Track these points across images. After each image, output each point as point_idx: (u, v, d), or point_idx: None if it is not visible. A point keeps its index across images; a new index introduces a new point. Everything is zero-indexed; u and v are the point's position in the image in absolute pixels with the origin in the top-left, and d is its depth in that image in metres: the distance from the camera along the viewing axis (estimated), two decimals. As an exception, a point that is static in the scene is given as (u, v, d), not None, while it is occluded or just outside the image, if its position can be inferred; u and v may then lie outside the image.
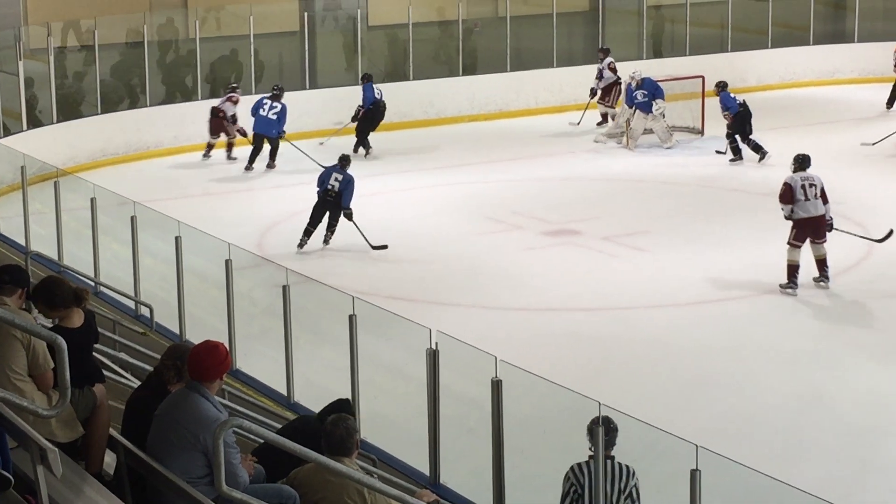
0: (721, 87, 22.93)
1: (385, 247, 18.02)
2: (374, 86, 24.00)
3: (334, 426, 7.40)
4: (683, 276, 16.76)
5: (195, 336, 11.83)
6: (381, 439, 10.38)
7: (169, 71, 25.87)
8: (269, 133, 22.63)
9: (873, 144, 22.33)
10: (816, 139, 23.87)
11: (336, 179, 18.12)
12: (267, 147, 22.69)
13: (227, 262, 12.51)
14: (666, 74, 25.50)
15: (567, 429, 10.17)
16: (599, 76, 25.89)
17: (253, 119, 22.68)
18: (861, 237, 16.81)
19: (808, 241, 15.79)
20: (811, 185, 15.73)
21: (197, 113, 23.80)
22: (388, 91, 25.02)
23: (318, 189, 18.21)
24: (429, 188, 21.49)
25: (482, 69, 27.71)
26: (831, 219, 15.93)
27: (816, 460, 11.65)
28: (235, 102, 23.35)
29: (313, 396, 11.30)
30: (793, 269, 15.73)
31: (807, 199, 15.65)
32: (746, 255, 17.52)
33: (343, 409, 8.44)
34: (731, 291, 16.08)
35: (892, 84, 26.82)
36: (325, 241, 18.14)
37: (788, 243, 15.80)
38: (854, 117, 26.02)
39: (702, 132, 24.75)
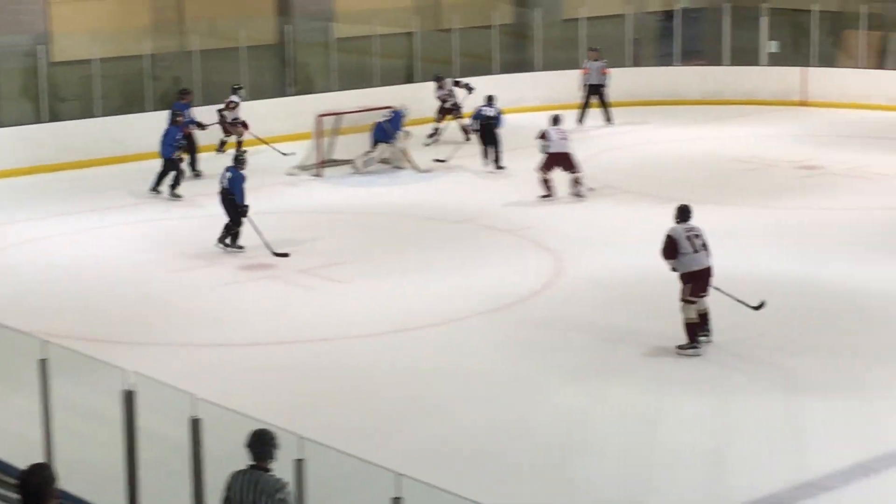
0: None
1: (286, 255, 18.53)
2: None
3: (30, 475, 7.15)
4: (382, 305, 16.89)
5: None
6: (80, 487, 10.07)
7: None
8: None
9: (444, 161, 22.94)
10: (513, 164, 24.68)
11: (225, 177, 19.20)
12: None
13: None
14: (358, 105, 25.71)
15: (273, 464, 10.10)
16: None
17: None
18: (738, 301, 15.52)
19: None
20: (696, 236, 14.85)
21: None
22: (76, 128, 24.46)
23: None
24: (123, 225, 21.07)
25: (172, 104, 27.32)
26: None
27: (520, 482, 11.87)
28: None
29: (6, 446, 10.89)
30: (692, 328, 14.77)
31: (694, 251, 14.72)
32: (444, 282, 17.80)
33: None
34: (430, 318, 16.28)
35: (581, 103, 28.79)
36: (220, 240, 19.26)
37: (682, 300, 14.79)
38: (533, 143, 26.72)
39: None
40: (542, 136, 22.20)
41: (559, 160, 22.12)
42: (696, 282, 14.73)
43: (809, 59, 32.23)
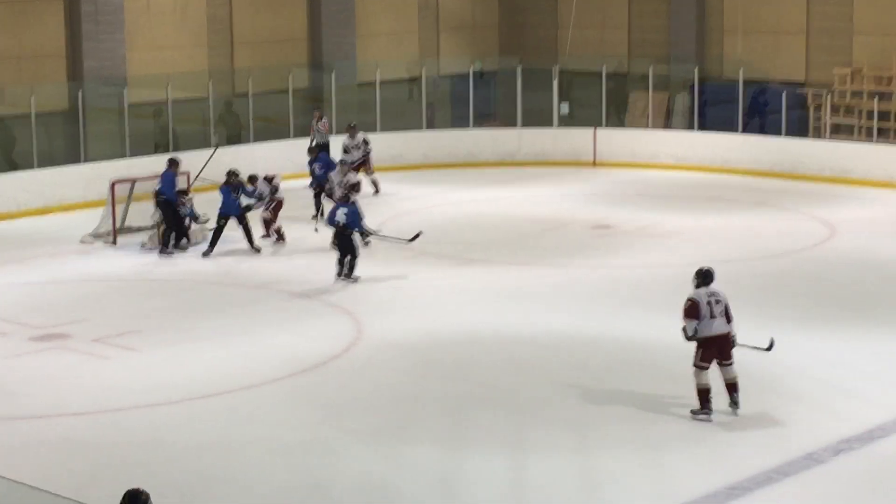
0: None
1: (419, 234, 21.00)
2: None
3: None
4: (176, 372, 16.70)
5: None
6: None
7: None
8: None
9: (409, 241, 22.29)
10: (301, 229, 24.74)
11: (341, 214, 21.10)
12: None
13: None
14: (152, 171, 25.46)
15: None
16: (347, 150, 27.46)
17: None
18: (754, 348, 15.14)
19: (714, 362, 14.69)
20: (717, 302, 14.53)
21: None
22: None
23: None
24: None
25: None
26: (734, 336, 14.72)
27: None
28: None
29: None
30: (704, 394, 14.57)
31: (712, 316, 14.44)
32: (237, 347, 17.69)
33: None
34: (224, 385, 16.14)
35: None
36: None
37: (695, 365, 14.61)
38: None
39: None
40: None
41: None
42: (710, 348, 14.53)
43: (599, 120, 33.02)
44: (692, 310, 14.51)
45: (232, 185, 23.27)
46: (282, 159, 29.47)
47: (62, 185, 27.22)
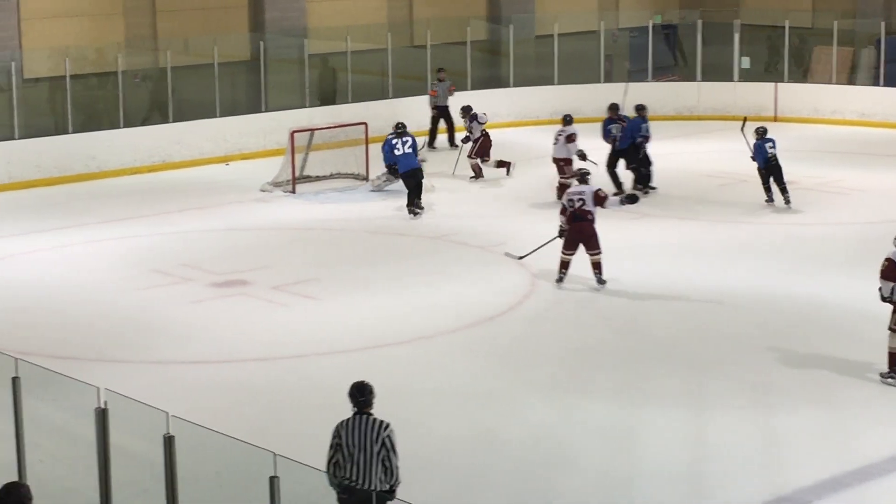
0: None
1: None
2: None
3: (6, 494, 7.15)
4: (355, 322, 16.87)
5: None
6: (51, 505, 10.04)
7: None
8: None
9: (520, 258, 19.40)
10: (481, 181, 24.84)
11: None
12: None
13: None
14: (330, 122, 25.71)
15: (243, 482, 10.08)
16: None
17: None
18: None
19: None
20: None
21: None
22: (46, 145, 24.45)
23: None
24: (92, 243, 20.99)
25: (144, 120, 27.33)
26: None
27: (493, 497, 11.86)
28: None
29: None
30: (894, 358, 14.21)
31: None
32: (416, 299, 17.79)
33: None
34: (402, 335, 16.26)
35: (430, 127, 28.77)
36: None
37: (890, 328, 14.17)
38: (514, 157, 26.76)
39: (366, 178, 25.04)
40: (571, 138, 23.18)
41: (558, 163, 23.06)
42: None
43: (781, 75, 32.39)
44: (889, 270, 14.08)
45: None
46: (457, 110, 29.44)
47: (243, 133, 27.66)
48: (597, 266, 17.85)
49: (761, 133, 22.66)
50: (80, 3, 30.41)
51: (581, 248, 17.91)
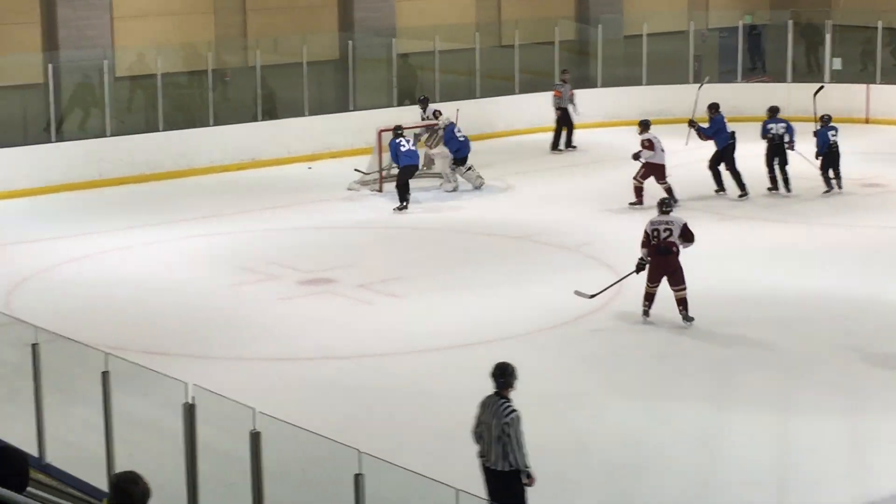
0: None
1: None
2: None
3: (134, 484, 7.11)
4: (438, 321, 16.88)
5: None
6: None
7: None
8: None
9: (591, 297, 17.47)
10: (568, 182, 24.75)
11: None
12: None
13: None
14: (416, 121, 25.76)
15: (328, 478, 10.11)
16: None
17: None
18: None
19: None
20: None
21: None
22: (136, 142, 24.74)
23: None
24: (182, 240, 21.18)
25: (233, 118, 27.53)
26: None
27: (582, 501, 11.82)
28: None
29: (66, 457, 10.97)
30: None
31: None
32: (499, 299, 17.76)
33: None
34: (485, 335, 16.24)
35: (555, 127, 28.31)
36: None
37: None
38: (595, 159, 26.65)
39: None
40: (649, 144, 22.67)
41: (656, 170, 22.71)
42: None
43: (873, 76, 31.97)
44: None
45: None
46: (548, 110, 29.40)
47: (331, 132, 27.77)
48: (681, 302, 16.62)
49: (826, 120, 23.54)
50: (172, 1, 30.70)
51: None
